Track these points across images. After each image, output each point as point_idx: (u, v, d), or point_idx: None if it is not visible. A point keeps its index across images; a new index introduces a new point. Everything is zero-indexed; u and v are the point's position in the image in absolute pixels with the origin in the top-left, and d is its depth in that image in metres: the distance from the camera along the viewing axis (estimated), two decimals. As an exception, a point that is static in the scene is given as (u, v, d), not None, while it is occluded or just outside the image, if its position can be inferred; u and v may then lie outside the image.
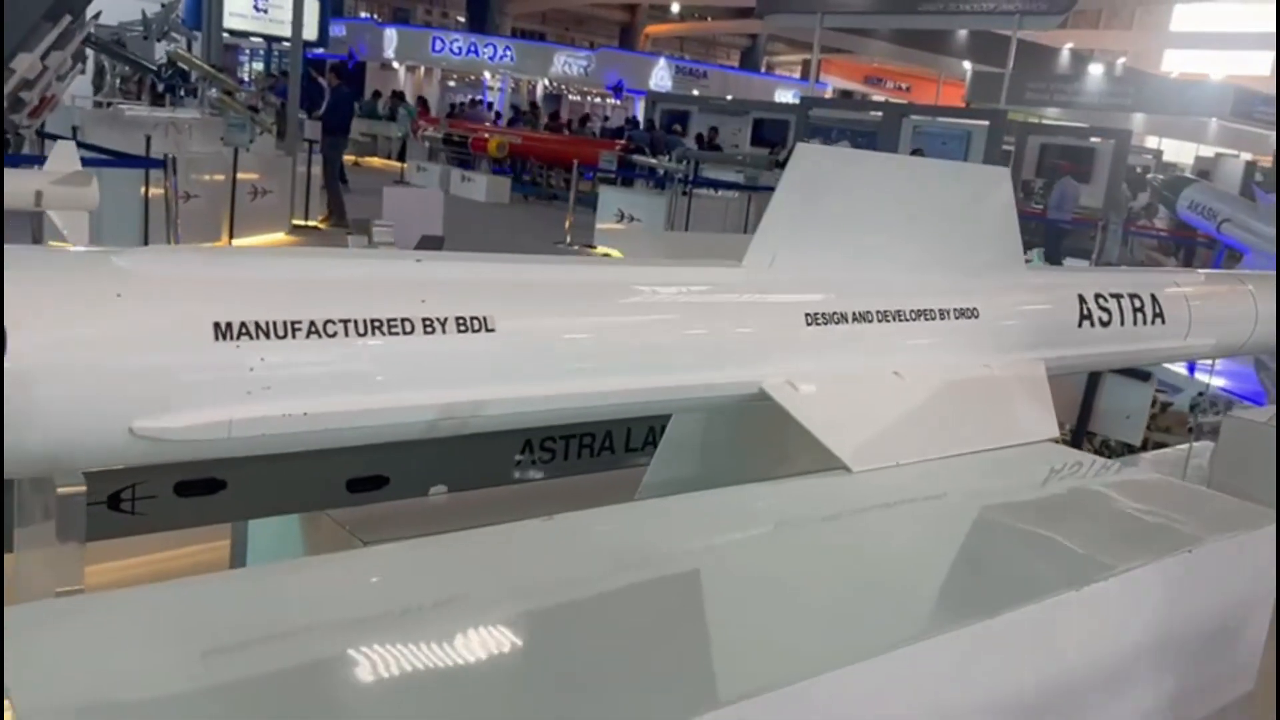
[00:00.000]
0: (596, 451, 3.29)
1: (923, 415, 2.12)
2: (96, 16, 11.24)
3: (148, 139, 10.71)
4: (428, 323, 1.55)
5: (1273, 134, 31.11)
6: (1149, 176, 21.59)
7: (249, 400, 1.40)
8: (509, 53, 36.90)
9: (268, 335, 1.41)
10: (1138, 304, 2.87)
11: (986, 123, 21.85)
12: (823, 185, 2.08)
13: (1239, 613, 1.88)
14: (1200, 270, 3.50)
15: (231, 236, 10.28)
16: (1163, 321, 2.94)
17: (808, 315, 2.05)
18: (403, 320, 1.53)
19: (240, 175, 11.19)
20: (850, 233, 2.15)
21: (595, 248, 15.86)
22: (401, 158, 24.22)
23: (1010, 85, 23.69)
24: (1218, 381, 6.03)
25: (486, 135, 23.86)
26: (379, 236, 4.89)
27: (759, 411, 2.20)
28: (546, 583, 1.38)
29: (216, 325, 1.37)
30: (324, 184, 14.37)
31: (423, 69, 38.02)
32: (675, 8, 44.96)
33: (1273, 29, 41.53)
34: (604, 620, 1.32)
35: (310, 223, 12.87)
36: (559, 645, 1.22)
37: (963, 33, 31.08)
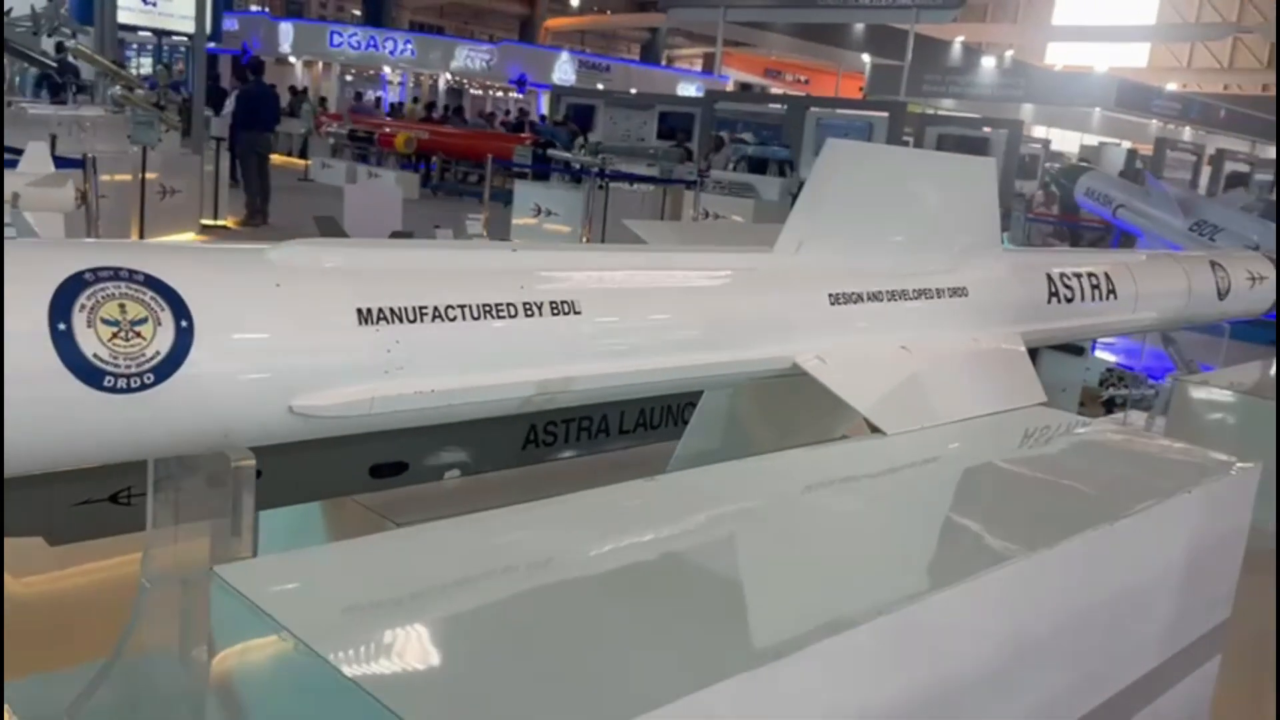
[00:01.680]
0: (594, 434, 3.47)
1: (934, 384, 2.34)
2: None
3: (53, 138, 10.43)
4: (528, 307, 1.70)
5: (1151, 122, 32.67)
6: (1045, 165, 22.50)
7: (386, 379, 1.53)
8: (409, 47, 36.42)
9: (401, 320, 1.54)
10: (1094, 282, 3.15)
11: (886, 114, 22.53)
12: (842, 177, 2.28)
13: (1219, 549, 2.14)
14: (1142, 251, 3.82)
15: (142, 236, 10.07)
16: (1115, 297, 3.23)
17: (830, 295, 2.26)
18: (507, 305, 1.68)
19: (148, 174, 10.96)
20: (863, 219, 2.35)
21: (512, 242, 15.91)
22: (304, 154, 23.79)
23: (908, 78, 24.45)
24: (1110, 358, 6.44)
25: (393, 131, 23.64)
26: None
27: (776, 386, 2.39)
28: (683, 529, 1.56)
29: (359, 311, 1.50)
30: (236, 182, 14.13)
31: (321, 64, 37.30)
32: (575, 1, 45.03)
33: (1150, 22, 43.31)
34: (737, 558, 1.50)
35: (220, 222, 12.64)
36: (706, 577, 1.39)
37: (860, 26, 31.85)
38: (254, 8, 42.47)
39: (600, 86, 33.90)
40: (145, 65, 28.15)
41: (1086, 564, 1.68)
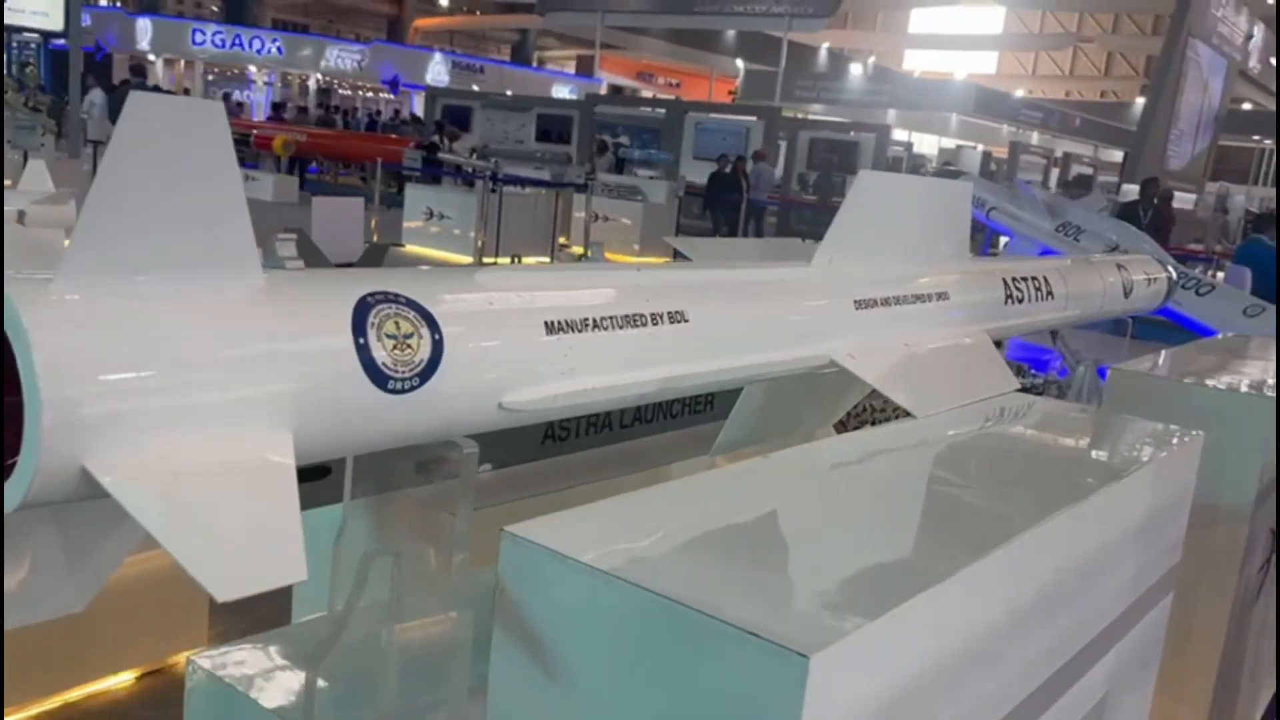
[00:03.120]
0: (599, 430, 3.81)
1: (937, 374, 2.78)
2: None
3: (-76, 147, 10.10)
4: (654, 317, 2.05)
5: (1002, 127, 34.60)
6: (922, 170, 23.61)
7: (563, 378, 1.86)
8: (277, 45, 35.59)
9: (573, 330, 1.87)
10: (1037, 284, 3.66)
11: (757, 119, 23.36)
12: (863, 202, 2.69)
13: (1173, 503, 2.63)
14: (1067, 258, 4.37)
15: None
16: (1052, 297, 3.75)
17: (855, 301, 2.66)
18: (639, 316, 2.02)
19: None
20: (876, 235, 2.77)
21: (404, 245, 15.97)
22: (171, 156, 23.09)
23: (781, 83, 25.36)
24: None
25: (269, 133, 23.21)
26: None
27: (792, 382, 2.79)
28: (838, 485, 1.98)
29: (546, 323, 1.83)
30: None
31: (182, 62, 36.08)
32: (444, 1, 44.77)
33: (997, 31, 45.53)
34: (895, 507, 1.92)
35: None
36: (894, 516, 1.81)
37: (732, 32, 32.76)
38: (104, 2, 40.67)
39: (475, 88, 33.89)
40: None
41: (1095, 520, 2.11)
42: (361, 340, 1.53)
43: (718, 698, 1.30)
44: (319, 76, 36.67)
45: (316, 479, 3.20)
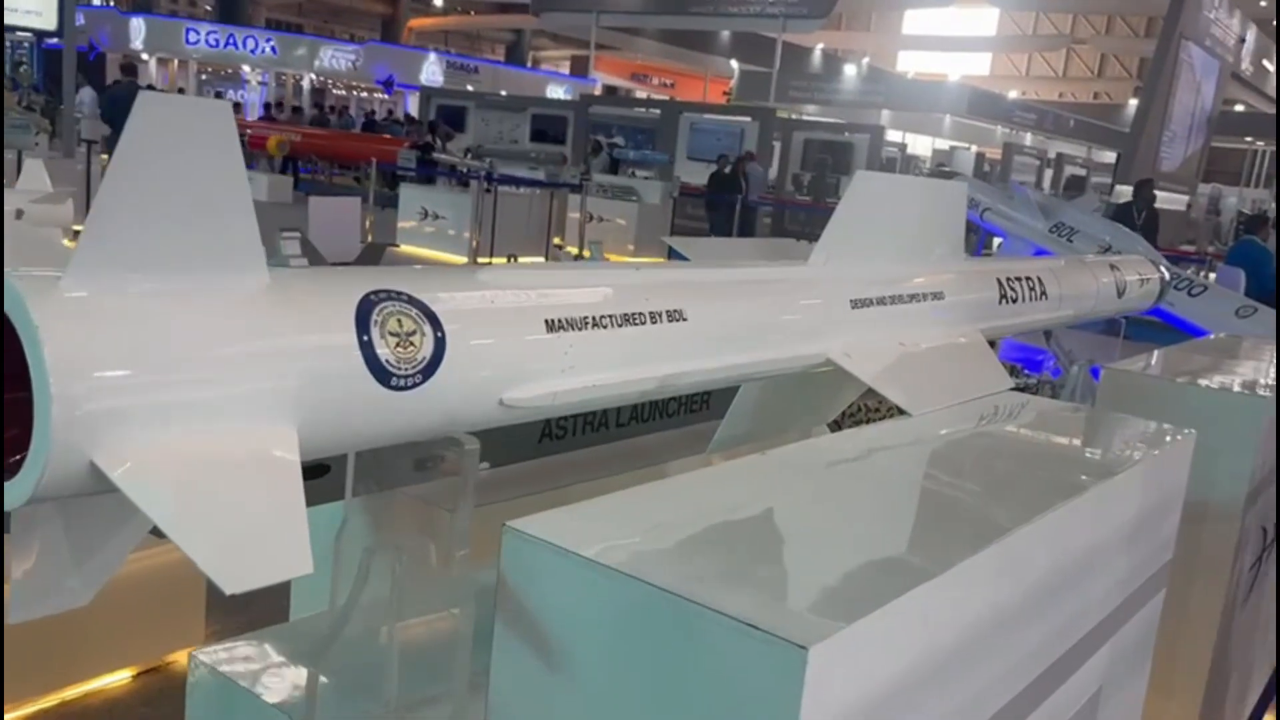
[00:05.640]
0: (596, 428, 3.83)
1: (931, 373, 2.80)
2: None
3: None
4: (653, 315, 2.07)
5: (996, 128, 34.70)
6: (916, 171, 23.67)
7: (563, 376, 1.87)
8: (271, 45, 35.53)
9: (573, 328, 1.89)
10: (1031, 285, 3.68)
11: (751, 119, 23.39)
12: (860, 202, 2.71)
13: (1165, 501, 2.66)
14: (1061, 259, 4.39)
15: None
16: (1045, 298, 3.77)
17: (851, 300, 2.68)
18: (639, 314, 2.04)
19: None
20: (872, 235, 2.79)
21: (399, 246, 15.98)
22: (166, 156, 22.99)
23: (775, 84, 25.40)
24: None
25: (263, 132, 23.19)
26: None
27: (788, 380, 2.81)
28: (833, 481, 1.99)
29: (547, 321, 1.85)
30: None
31: (176, 62, 36.01)
32: (439, 1, 44.75)
33: (991, 33, 45.60)
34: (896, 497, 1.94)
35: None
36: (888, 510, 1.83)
37: (726, 33, 32.80)
38: (98, 1, 40.60)
39: (469, 88, 33.88)
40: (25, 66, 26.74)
41: (1088, 517, 2.14)
42: (365, 337, 1.55)
43: (718, 689, 1.32)
44: (313, 76, 36.63)
45: (316, 477, 3.23)
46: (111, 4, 39.88)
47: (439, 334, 1.65)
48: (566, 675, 1.48)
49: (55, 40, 26.64)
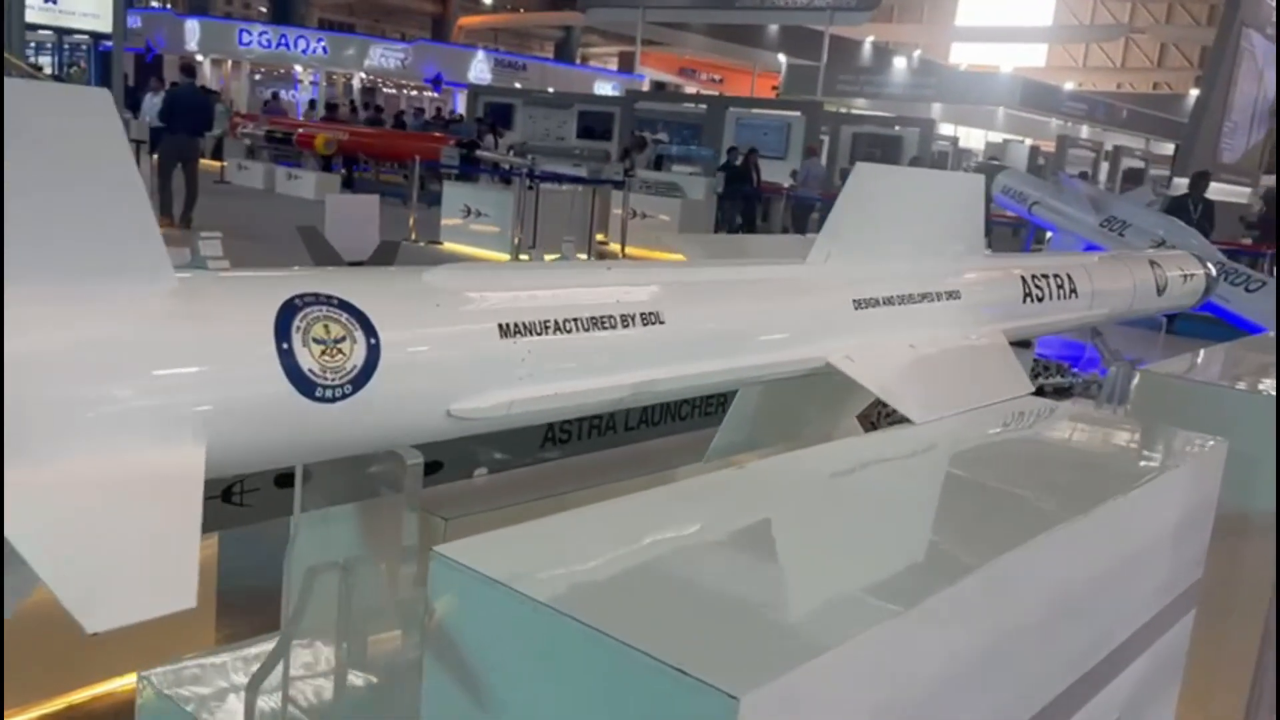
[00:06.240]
0: (603, 432, 3.71)
1: (942, 378, 2.63)
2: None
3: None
4: (625, 319, 1.93)
5: (1052, 120, 33.98)
6: (964, 165, 23.29)
7: (520, 384, 1.75)
8: (322, 45, 35.89)
9: (531, 333, 1.76)
10: (1059, 282, 3.49)
11: (799, 114, 23.10)
12: (862, 195, 2.55)
13: (1194, 515, 2.47)
14: (1094, 254, 4.18)
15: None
16: (1075, 296, 3.58)
17: (854, 301, 2.53)
18: (608, 318, 1.91)
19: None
20: (878, 232, 2.63)
21: (441, 244, 15.97)
22: (217, 155, 23.26)
23: (823, 78, 25.07)
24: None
25: (311, 131, 23.36)
26: (207, 249, 4.98)
27: (790, 385, 2.66)
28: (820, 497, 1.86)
29: (500, 326, 1.72)
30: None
31: (230, 62, 36.50)
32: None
33: (1047, 23, 44.80)
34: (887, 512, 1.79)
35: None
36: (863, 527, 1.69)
37: (774, 27, 32.47)
38: (155, 4, 41.31)
39: (517, 85, 33.91)
40: (44, 66, 27.28)
41: (1105, 532, 1.97)
42: (285, 345, 1.43)
43: (647, 736, 1.19)
44: (362, 75, 36.89)
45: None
46: (168, 6, 40.55)
47: (372, 340, 1.53)
48: (496, 712, 1.36)
49: (111, 44, 27.07)
